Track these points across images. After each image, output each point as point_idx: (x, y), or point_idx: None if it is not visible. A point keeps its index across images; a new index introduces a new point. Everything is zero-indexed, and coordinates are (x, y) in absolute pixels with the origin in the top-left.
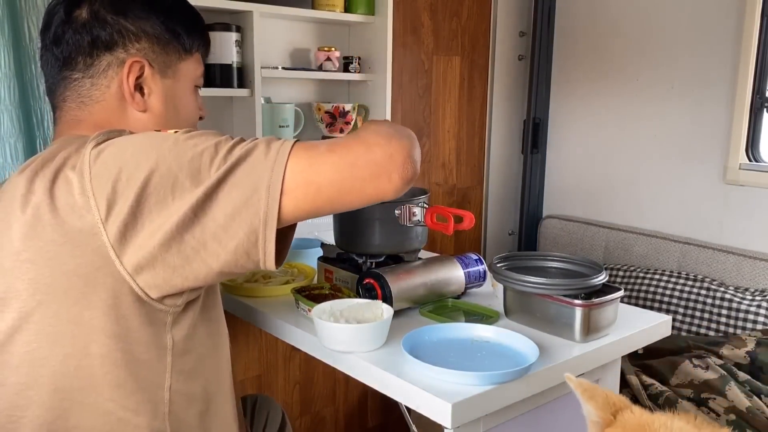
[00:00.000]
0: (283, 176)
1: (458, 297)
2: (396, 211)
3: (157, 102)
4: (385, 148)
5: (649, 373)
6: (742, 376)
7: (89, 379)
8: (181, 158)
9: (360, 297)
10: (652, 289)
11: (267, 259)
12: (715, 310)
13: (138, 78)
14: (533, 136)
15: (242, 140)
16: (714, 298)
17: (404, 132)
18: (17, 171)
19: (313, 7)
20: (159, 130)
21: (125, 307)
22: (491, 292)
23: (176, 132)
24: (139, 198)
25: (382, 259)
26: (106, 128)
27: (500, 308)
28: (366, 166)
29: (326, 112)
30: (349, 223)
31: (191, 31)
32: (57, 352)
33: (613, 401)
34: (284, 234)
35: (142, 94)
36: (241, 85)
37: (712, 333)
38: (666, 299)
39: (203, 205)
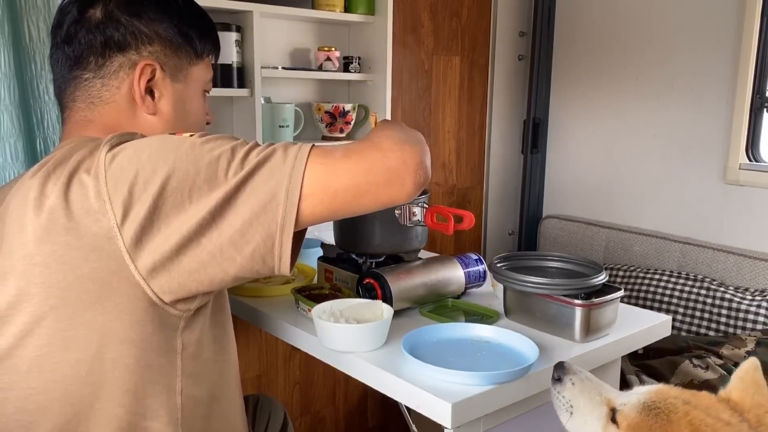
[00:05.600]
0: (302, 182)
1: (458, 297)
2: (396, 211)
3: (166, 105)
4: (399, 154)
5: (649, 373)
6: None
7: (100, 384)
8: (199, 162)
9: (360, 297)
10: (652, 289)
11: (282, 264)
12: (715, 310)
13: (149, 81)
14: (533, 136)
15: (257, 145)
16: (714, 298)
17: (416, 137)
18: (29, 173)
19: (313, 7)
20: (174, 134)
21: (139, 312)
22: (491, 292)
23: (191, 136)
24: (156, 202)
25: (382, 259)
26: (116, 130)
27: (500, 308)
28: (381, 172)
29: (326, 112)
30: (349, 223)
31: (204, 36)
32: (69, 357)
33: None
34: (296, 238)
35: (153, 97)
36: (241, 85)
37: (712, 333)
38: (666, 299)
39: (221, 210)
